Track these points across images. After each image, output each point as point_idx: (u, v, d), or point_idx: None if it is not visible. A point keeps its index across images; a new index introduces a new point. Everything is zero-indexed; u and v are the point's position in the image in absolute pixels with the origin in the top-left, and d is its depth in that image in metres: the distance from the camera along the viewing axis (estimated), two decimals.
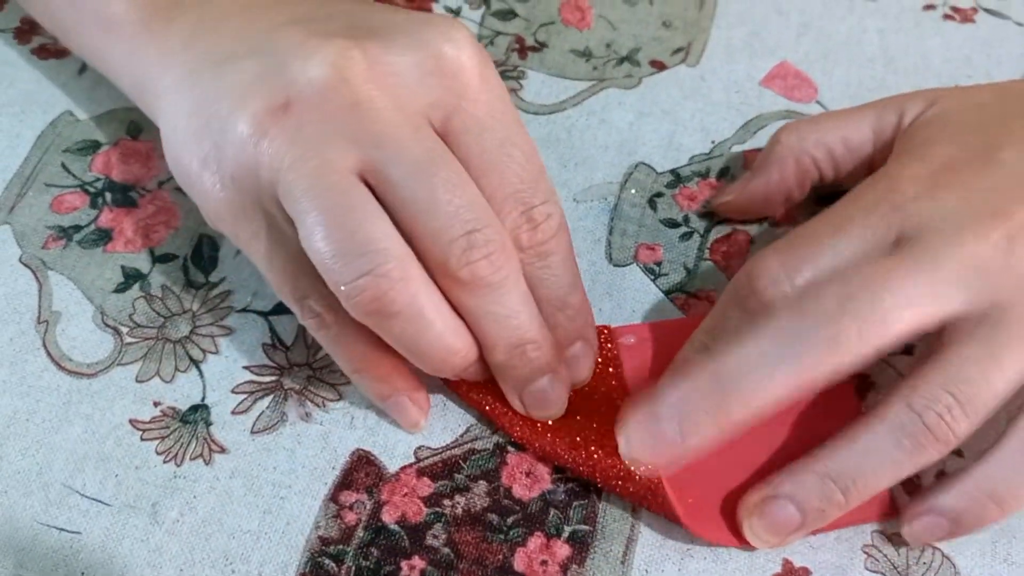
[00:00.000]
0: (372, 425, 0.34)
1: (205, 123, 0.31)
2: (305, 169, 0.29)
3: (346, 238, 0.28)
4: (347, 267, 0.28)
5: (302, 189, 0.29)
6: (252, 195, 0.30)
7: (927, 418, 0.28)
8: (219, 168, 0.30)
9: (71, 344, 0.35)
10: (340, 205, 0.28)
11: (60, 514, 0.32)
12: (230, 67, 0.31)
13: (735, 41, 0.43)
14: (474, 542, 0.32)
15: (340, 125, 0.29)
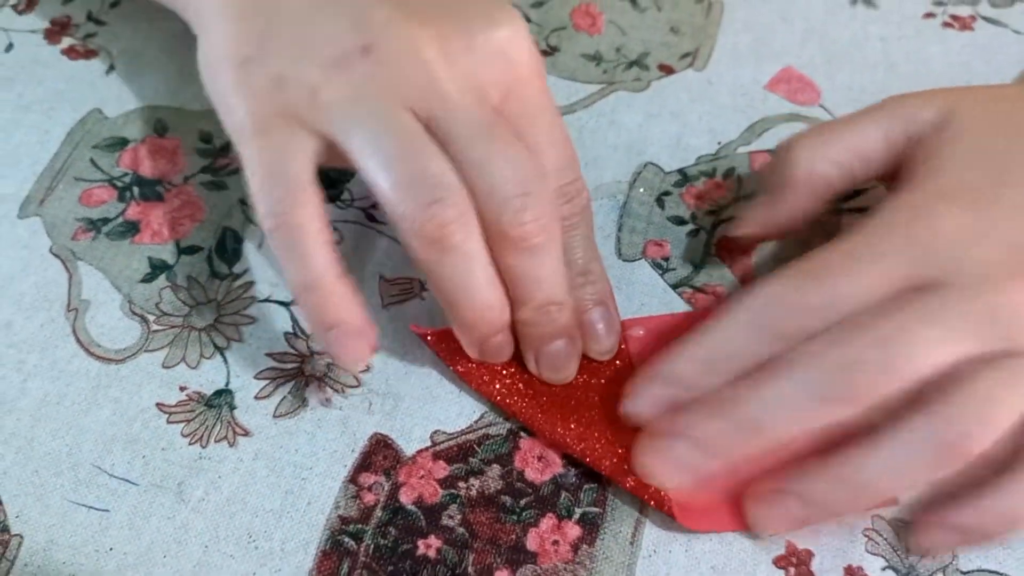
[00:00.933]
0: (389, 410, 0.35)
1: (259, 30, 0.32)
2: (377, 107, 0.30)
3: (416, 170, 0.30)
4: (418, 195, 0.30)
5: (376, 123, 0.30)
6: (289, 104, 0.31)
7: (949, 435, 0.29)
8: (261, 71, 0.31)
9: (100, 331, 0.36)
10: (410, 141, 0.30)
11: (89, 493, 0.33)
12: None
13: (741, 47, 0.45)
14: (488, 522, 0.33)
15: (414, 81, 0.31)
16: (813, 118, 0.42)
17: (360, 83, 0.31)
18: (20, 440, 0.34)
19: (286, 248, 0.31)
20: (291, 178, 0.31)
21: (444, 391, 0.35)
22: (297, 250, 0.31)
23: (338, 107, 0.31)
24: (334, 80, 0.31)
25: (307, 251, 0.31)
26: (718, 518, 0.33)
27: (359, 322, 0.32)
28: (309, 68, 0.31)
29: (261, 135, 0.31)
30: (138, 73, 0.43)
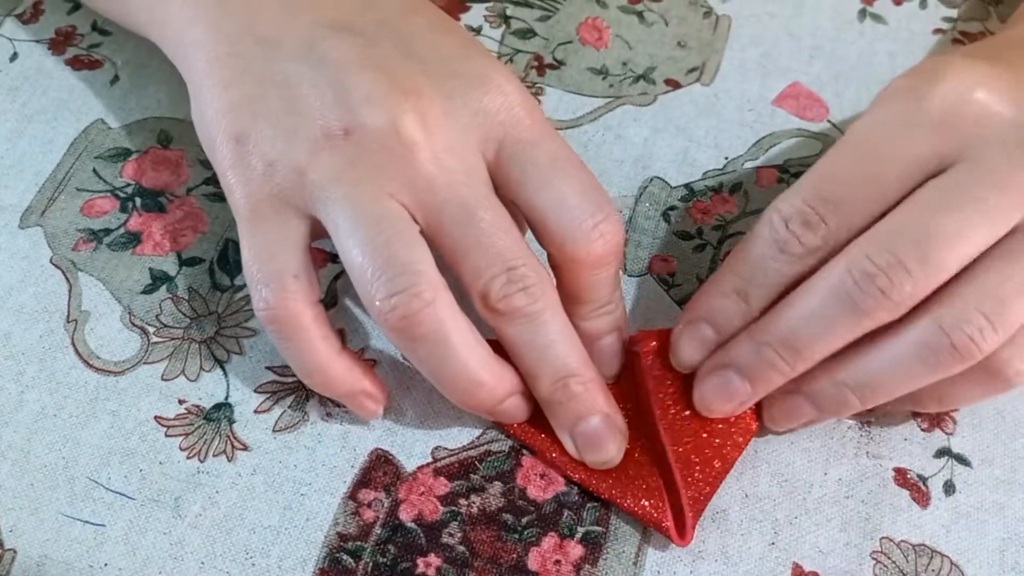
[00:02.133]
0: (390, 426, 0.35)
1: (248, 104, 0.32)
2: (359, 190, 0.30)
3: (387, 258, 0.30)
4: (384, 284, 0.30)
5: (353, 207, 0.30)
6: (280, 188, 0.31)
7: (956, 338, 0.29)
8: (255, 150, 0.32)
9: (99, 343, 0.36)
10: (387, 228, 0.30)
11: (85, 507, 0.33)
12: (280, 56, 0.32)
13: (748, 62, 0.45)
14: (489, 541, 0.32)
15: (396, 165, 0.31)
16: (821, 134, 0.42)
17: (343, 166, 0.31)
18: (16, 452, 0.34)
19: (281, 338, 0.32)
20: (281, 270, 0.31)
21: (446, 407, 0.35)
22: (292, 340, 0.31)
23: (322, 189, 0.31)
24: (319, 161, 0.31)
25: (302, 340, 0.31)
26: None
27: (366, 387, 0.33)
28: (296, 150, 0.31)
29: (255, 220, 0.32)
30: (142, 84, 0.43)
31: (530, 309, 0.31)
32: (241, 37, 0.33)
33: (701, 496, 0.32)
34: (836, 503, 0.33)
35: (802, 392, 0.32)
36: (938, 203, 0.29)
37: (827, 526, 0.33)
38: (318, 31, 0.33)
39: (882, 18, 0.46)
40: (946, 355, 0.29)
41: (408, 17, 0.34)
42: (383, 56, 0.32)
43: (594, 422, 0.32)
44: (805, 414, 0.32)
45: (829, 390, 0.31)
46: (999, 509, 0.33)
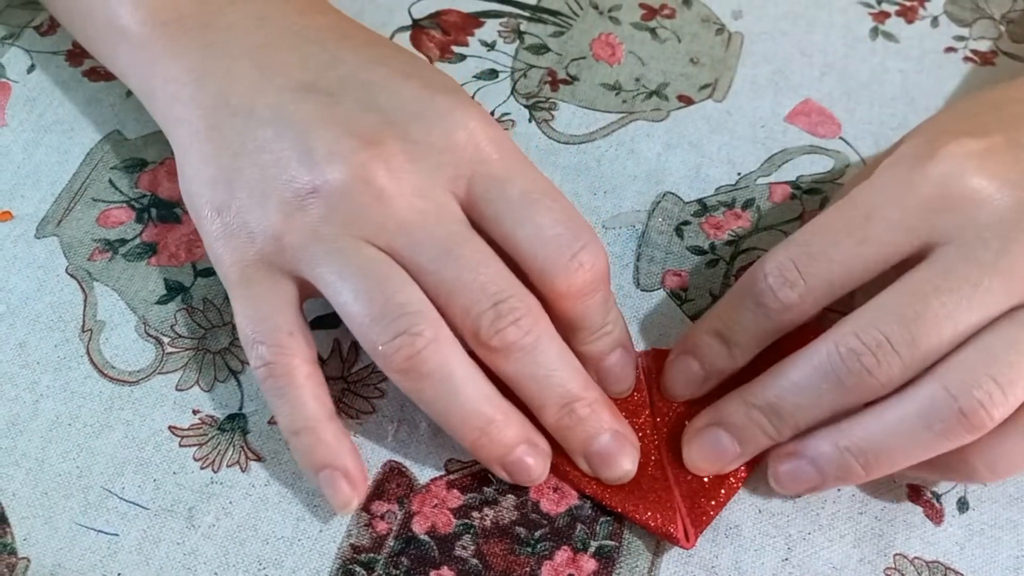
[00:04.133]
0: (404, 438, 0.35)
1: (225, 175, 0.33)
2: (337, 245, 0.31)
3: (383, 303, 0.30)
4: (384, 328, 0.30)
5: (337, 261, 0.31)
6: (263, 253, 0.32)
7: (964, 402, 0.28)
8: (236, 219, 0.32)
9: (114, 352, 0.36)
10: (376, 274, 0.31)
11: (99, 516, 0.33)
12: (251, 124, 0.33)
13: (760, 79, 0.45)
14: (502, 554, 0.32)
15: (367, 214, 0.31)
16: (833, 151, 0.42)
17: (317, 224, 0.31)
18: (31, 461, 0.34)
19: (276, 394, 0.32)
20: (275, 328, 0.32)
21: None
22: (286, 396, 0.32)
23: (302, 250, 0.31)
24: (293, 223, 0.31)
25: (296, 397, 0.32)
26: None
27: (347, 465, 0.32)
28: (270, 215, 0.32)
29: (244, 285, 0.32)
30: None
31: (524, 342, 0.31)
32: (217, 110, 0.34)
33: (708, 503, 0.32)
34: (850, 519, 0.33)
35: (806, 457, 0.31)
36: (930, 285, 0.29)
37: (840, 542, 0.33)
38: (285, 95, 0.33)
39: (894, 36, 0.46)
40: (954, 422, 0.28)
41: (370, 69, 0.34)
42: (344, 113, 0.33)
43: (604, 440, 0.32)
44: (809, 479, 0.31)
45: (832, 455, 0.30)
46: (1013, 526, 0.33)
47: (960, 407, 0.28)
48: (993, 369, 0.28)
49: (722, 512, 0.33)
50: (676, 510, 0.32)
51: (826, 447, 0.30)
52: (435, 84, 0.34)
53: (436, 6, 0.47)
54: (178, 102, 0.35)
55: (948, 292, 0.29)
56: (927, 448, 0.29)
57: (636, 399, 0.35)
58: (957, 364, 0.28)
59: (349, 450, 0.32)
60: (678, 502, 0.32)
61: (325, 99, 0.33)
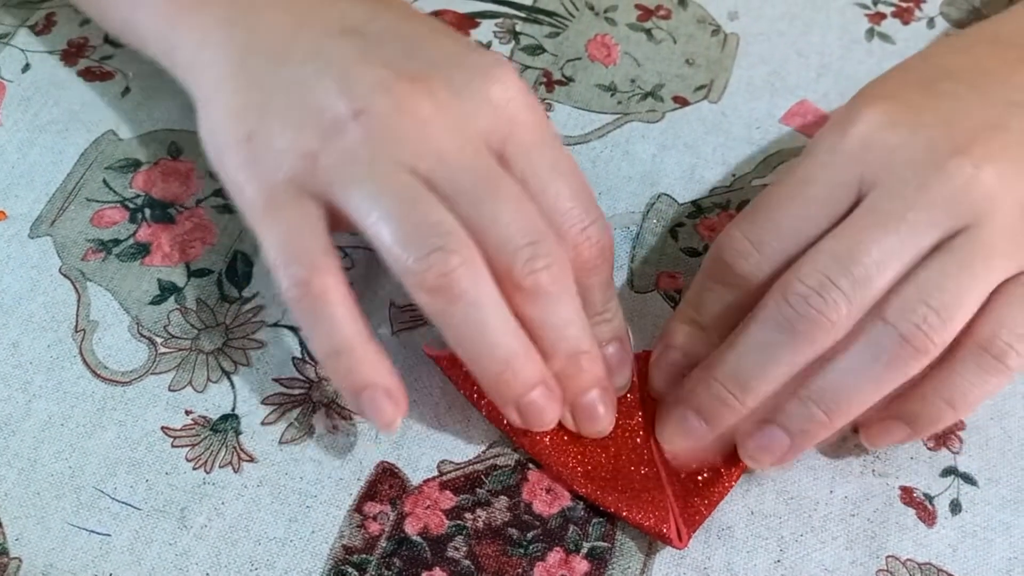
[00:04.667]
0: (397, 439, 0.35)
1: (256, 106, 0.32)
2: (374, 167, 0.31)
3: (417, 221, 0.30)
4: (418, 245, 0.29)
5: (372, 183, 0.30)
6: (293, 174, 0.31)
7: (902, 328, 0.29)
8: (264, 144, 0.32)
9: (107, 352, 0.36)
10: (410, 196, 0.30)
11: (91, 516, 0.33)
12: (289, 63, 0.33)
13: (756, 80, 0.45)
14: (494, 555, 0.32)
15: (408, 140, 0.31)
16: None
17: (355, 146, 0.31)
18: (23, 461, 0.34)
19: (311, 316, 0.31)
20: (308, 248, 0.31)
21: (452, 420, 0.35)
22: (323, 317, 0.31)
23: (336, 171, 0.31)
24: (330, 146, 0.31)
25: (333, 317, 0.31)
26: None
27: (390, 383, 0.31)
28: (306, 138, 0.31)
29: (272, 210, 0.32)
30: (153, 96, 0.43)
31: (552, 289, 0.31)
32: (249, 50, 0.34)
33: (700, 503, 0.32)
34: (842, 521, 0.33)
35: (775, 421, 0.32)
36: (859, 226, 0.31)
37: (833, 544, 0.33)
38: (324, 39, 0.33)
39: (890, 37, 0.46)
40: (897, 349, 0.29)
41: (411, 23, 0.34)
42: (388, 55, 0.33)
43: (594, 395, 0.33)
44: (777, 441, 0.32)
45: (796, 410, 0.31)
46: (1005, 528, 0.33)
47: (900, 333, 0.29)
48: (926, 295, 0.29)
49: (714, 513, 0.33)
50: (669, 510, 0.32)
51: (790, 405, 0.31)
52: (476, 46, 0.35)
53: (432, 6, 0.46)
54: (206, 47, 0.34)
55: (875, 227, 0.30)
56: (879, 382, 0.30)
57: (629, 400, 0.35)
58: (894, 298, 0.30)
59: (390, 369, 0.31)
60: (671, 502, 0.32)
61: (366, 43, 0.33)
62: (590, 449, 0.33)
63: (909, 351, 0.29)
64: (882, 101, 0.33)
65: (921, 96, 0.33)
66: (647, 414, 0.34)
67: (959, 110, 0.32)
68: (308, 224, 0.31)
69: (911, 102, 0.33)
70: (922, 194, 0.30)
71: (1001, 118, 0.32)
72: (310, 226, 0.31)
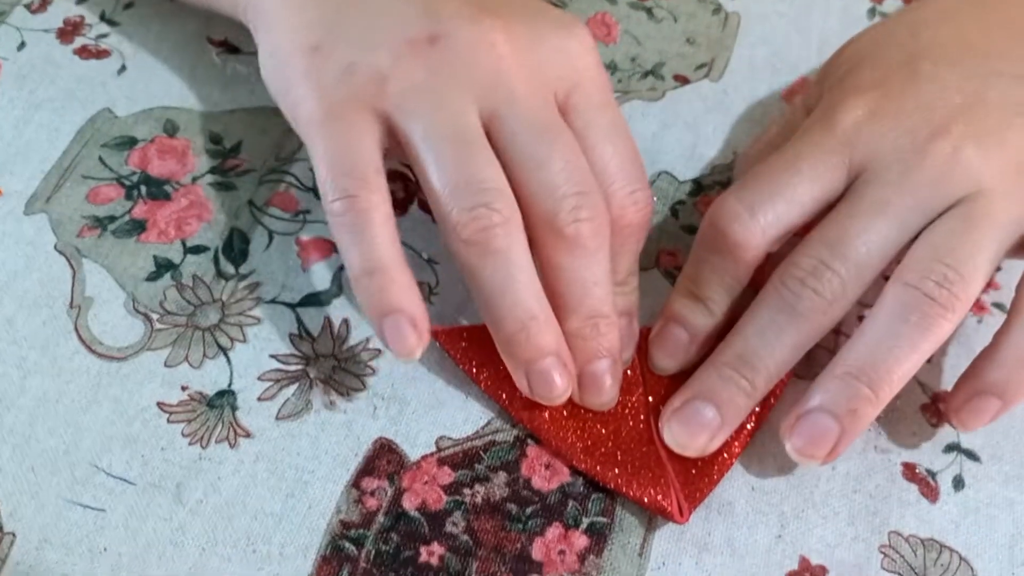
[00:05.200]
0: (395, 415, 0.34)
1: (328, 20, 0.32)
2: (441, 98, 0.31)
3: (468, 175, 0.30)
4: (464, 197, 0.30)
5: (434, 121, 0.31)
6: (359, 91, 0.31)
7: (925, 288, 0.30)
8: (333, 57, 0.31)
9: (102, 328, 0.36)
10: (467, 145, 0.30)
11: (85, 492, 0.32)
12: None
13: (757, 59, 0.44)
14: (493, 530, 0.32)
15: (481, 73, 0.31)
16: None
17: (428, 71, 0.31)
18: (17, 437, 0.33)
19: (352, 231, 0.31)
20: (361, 162, 0.31)
21: (450, 396, 0.35)
22: (363, 233, 0.30)
23: (404, 95, 0.31)
24: (403, 67, 0.31)
25: (374, 235, 0.30)
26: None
27: (417, 312, 0.31)
28: (378, 55, 0.31)
29: (331, 121, 0.31)
30: (150, 74, 0.43)
31: (591, 243, 0.31)
32: None
33: (701, 478, 0.32)
34: (844, 497, 0.33)
35: (813, 409, 0.30)
36: (847, 211, 0.31)
37: (835, 520, 0.33)
38: None
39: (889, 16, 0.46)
40: (925, 307, 0.29)
41: None
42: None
43: (604, 364, 0.32)
44: (826, 429, 0.30)
45: (836, 389, 0.30)
46: (1009, 504, 0.33)
47: (924, 292, 0.29)
48: (940, 255, 0.30)
49: (715, 489, 0.33)
50: (670, 485, 0.32)
51: (828, 387, 0.30)
52: (558, 10, 0.35)
53: None
54: None
55: (864, 214, 0.31)
56: (914, 347, 0.30)
57: (630, 377, 0.34)
58: (907, 265, 0.30)
59: (419, 300, 0.31)
60: (671, 478, 0.32)
61: None
62: (590, 425, 0.33)
63: (937, 309, 0.29)
64: (864, 95, 0.33)
65: (902, 82, 0.33)
66: (647, 392, 0.34)
67: (939, 92, 0.32)
68: (365, 139, 0.31)
69: (892, 91, 0.33)
70: (907, 178, 0.31)
71: (979, 92, 0.32)
72: (366, 141, 0.31)
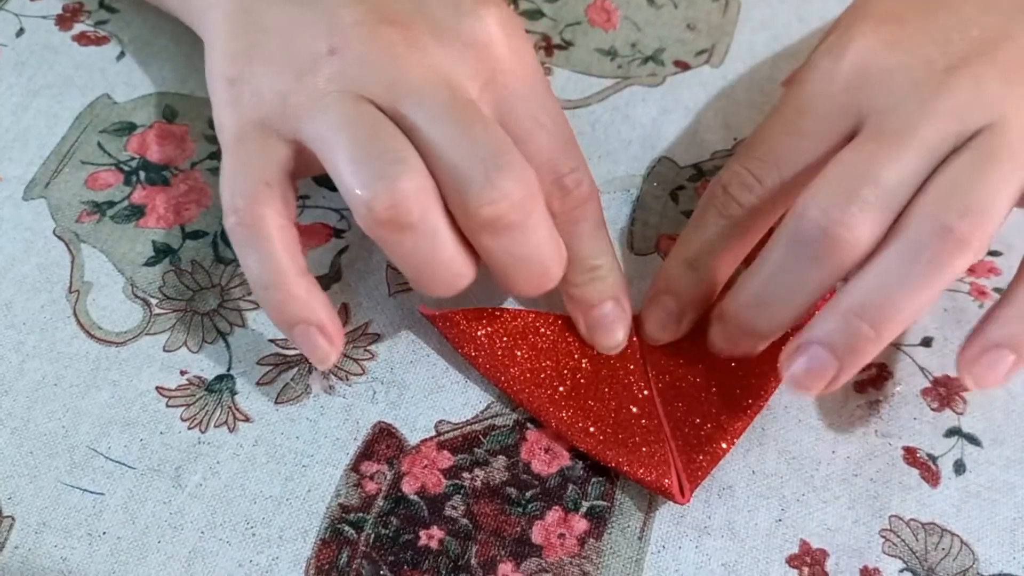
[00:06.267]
0: (394, 399, 0.34)
1: (246, 50, 0.32)
2: (341, 99, 0.30)
3: (369, 147, 0.29)
4: (369, 172, 0.28)
5: (335, 113, 0.30)
6: (266, 114, 0.31)
7: (944, 219, 0.28)
8: (247, 87, 0.32)
9: (101, 313, 0.36)
10: (369, 125, 0.30)
11: (84, 475, 0.32)
12: (283, 8, 0.33)
13: (758, 45, 0.44)
14: (492, 514, 0.32)
15: (378, 74, 0.30)
16: None
17: (328, 80, 0.31)
18: (16, 421, 0.33)
19: (245, 244, 0.31)
20: (255, 177, 0.31)
21: (450, 381, 0.35)
22: (256, 246, 0.30)
23: (304, 107, 0.31)
24: (303, 83, 0.31)
25: (266, 247, 0.30)
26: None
27: (323, 319, 0.31)
28: (283, 77, 0.31)
29: (237, 144, 0.32)
30: (149, 60, 0.42)
31: (511, 219, 0.29)
32: (251, 6, 0.33)
33: (703, 458, 0.32)
34: (844, 481, 0.33)
35: (812, 342, 0.29)
36: (869, 148, 0.29)
37: (835, 504, 0.32)
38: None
39: None
40: (940, 242, 0.28)
41: None
42: (371, 7, 0.32)
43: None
44: (823, 363, 0.29)
45: (836, 325, 0.29)
46: (1010, 489, 0.33)
47: (942, 224, 0.28)
48: (960, 190, 0.28)
49: (715, 472, 0.32)
50: (671, 464, 0.32)
51: (829, 321, 0.29)
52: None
53: None
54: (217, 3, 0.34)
55: (888, 146, 0.29)
56: (925, 284, 0.28)
57: (629, 355, 0.34)
58: (927, 195, 0.28)
59: (323, 304, 0.31)
60: (673, 456, 0.32)
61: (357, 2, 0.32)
62: (590, 404, 0.33)
63: (953, 243, 0.27)
64: (877, 22, 0.32)
65: (917, 12, 0.32)
66: (649, 367, 0.34)
67: (958, 25, 0.31)
68: (264, 159, 0.31)
69: (906, 20, 0.31)
70: (926, 108, 0.29)
71: (1005, 28, 0.30)
72: (265, 161, 0.31)
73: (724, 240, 0.33)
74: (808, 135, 0.31)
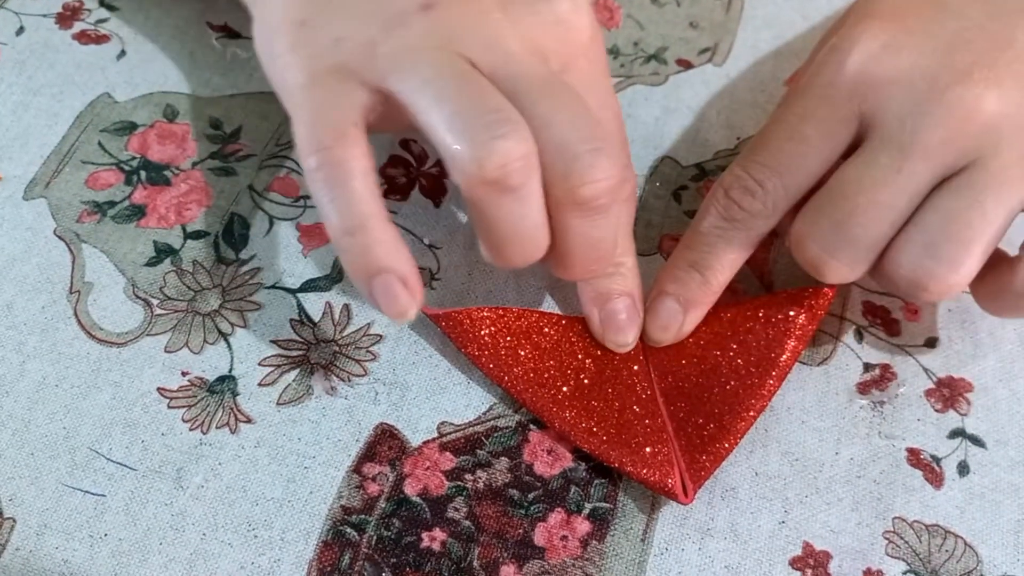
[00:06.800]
0: (396, 401, 0.34)
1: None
2: (439, 55, 0.29)
3: (476, 104, 0.28)
4: (477, 129, 0.27)
5: (429, 69, 0.29)
6: (346, 60, 0.30)
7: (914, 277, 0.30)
8: (322, 30, 0.30)
9: (102, 314, 0.35)
10: (469, 80, 0.28)
11: (86, 477, 0.32)
12: None
13: (761, 44, 0.44)
14: (495, 516, 0.32)
15: (475, 35, 0.30)
16: None
17: (419, 37, 0.29)
18: (16, 422, 0.33)
19: (329, 186, 0.28)
20: (339, 118, 0.29)
21: (452, 382, 0.34)
22: (341, 189, 0.28)
23: (394, 59, 0.29)
24: (393, 35, 0.30)
25: (352, 190, 0.28)
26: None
27: (406, 269, 0.29)
28: (367, 26, 0.30)
29: (313, 87, 0.30)
30: (149, 59, 0.42)
31: (603, 201, 0.29)
32: None
33: (706, 458, 0.32)
34: (848, 483, 0.33)
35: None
36: (856, 182, 0.31)
37: (838, 505, 0.32)
38: None
39: None
40: (914, 295, 0.31)
41: None
42: None
43: (625, 303, 0.33)
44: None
45: None
46: (1014, 490, 0.33)
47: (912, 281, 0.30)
48: (932, 249, 0.30)
49: (718, 474, 0.32)
50: (674, 464, 0.31)
51: None
52: None
53: None
54: None
55: (873, 187, 0.30)
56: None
57: (632, 355, 0.34)
58: (899, 245, 0.30)
59: (408, 256, 0.29)
60: (676, 456, 0.32)
61: None
62: (593, 404, 0.33)
63: (924, 296, 0.30)
64: (881, 24, 0.32)
65: (922, 17, 0.32)
66: (652, 367, 0.34)
67: (962, 30, 0.31)
68: (345, 101, 0.29)
69: (911, 25, 0.31)
70: (920, 137, 0.30)
71: (1006, 32, 0.31)
72: (347, 102, 0.29)
73: (726, 243, 0.33)
74: (810, 141, 0.32)
